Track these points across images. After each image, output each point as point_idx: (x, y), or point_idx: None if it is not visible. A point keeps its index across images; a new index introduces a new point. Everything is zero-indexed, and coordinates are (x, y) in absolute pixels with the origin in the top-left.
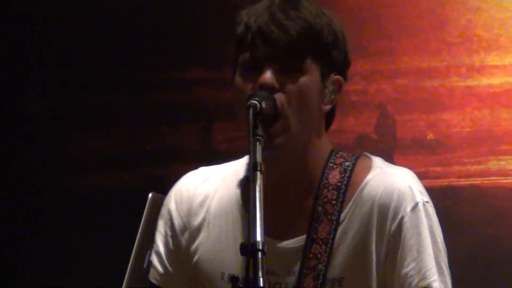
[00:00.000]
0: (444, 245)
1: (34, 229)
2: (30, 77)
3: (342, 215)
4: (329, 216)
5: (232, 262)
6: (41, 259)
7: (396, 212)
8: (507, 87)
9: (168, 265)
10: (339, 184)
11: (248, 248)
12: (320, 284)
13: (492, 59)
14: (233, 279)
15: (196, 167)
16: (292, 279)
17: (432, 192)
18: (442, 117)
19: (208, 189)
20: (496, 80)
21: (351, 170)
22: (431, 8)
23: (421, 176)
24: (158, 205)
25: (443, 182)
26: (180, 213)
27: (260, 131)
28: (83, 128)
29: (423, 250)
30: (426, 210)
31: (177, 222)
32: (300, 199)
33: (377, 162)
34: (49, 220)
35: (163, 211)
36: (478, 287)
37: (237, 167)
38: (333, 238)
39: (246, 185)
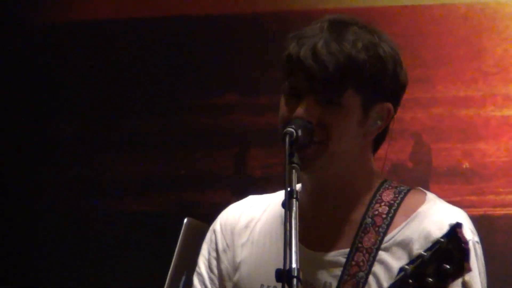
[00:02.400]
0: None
1: (67, 253)
2: (65, 99)
3: (390, 233)
4: (377, 228)
5: (272, 274)
6: (75, 284)
7: None
8: None
9: (209, 286)
10: (392, 202)
11: (283, 275)
12: None
13: None
14: None
15: (229, 193)
16: (332, 285)
17: None
18: (478, 147)
19: (254, 213)
20: None
21: (406, 193)
22: (467, 38)
23: (456, 205)
24: (193, 230)
25: (478, 211)
26: (224, 234)
27: (296, 159)
28: (116, 152)
29: (469, 286)
30: (475, 250)
31: (220, 242)
32: (348, 213)
33: (431, 195)
34: (82, 244)
35: (208, 234)
36: None
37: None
38: (377, 249)
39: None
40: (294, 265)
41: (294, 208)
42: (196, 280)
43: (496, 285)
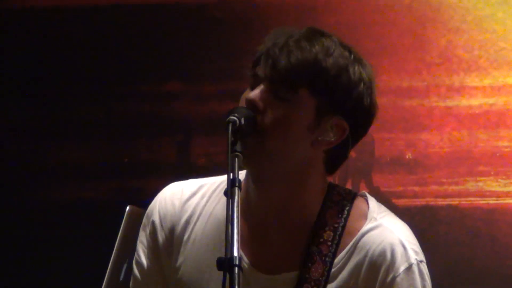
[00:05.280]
0: None
1: (7, 241)
2: (5, 87)
3: (336, 260)
4: (324, 258)
5: (212, 283)
6: (15, 273)
7: (388, 272)
8: (486, 109)
9: (149, 277)
10: (336, 225)
11: (225, 263)
12: None
13: (472, 80)
14: None
15: (172, 181)
16: None
17: (409, 211)
18: (421, 137)
19: (195, 206)
20: (475, 101)
21: (348, 212)
22: (411, 28)
23: (398, 195)
24: (135, 218)
25: (421, 201)
26: (164, 228)
27: (238, 147)
28: (59, 139)
29: None
30: (420, 271)
31: (160, 236)
32: (293, 234)
33: (373, 208)
34: (23, 231)
35: (146, 221)
36: None
37: (224, 184)
38: (325, 281)
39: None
40: (235, 254)
41: (236, 197)
42: (136, 269)
43: (438, 276)
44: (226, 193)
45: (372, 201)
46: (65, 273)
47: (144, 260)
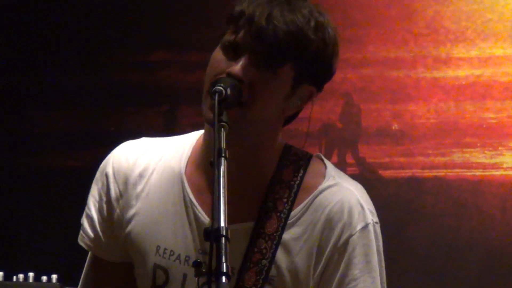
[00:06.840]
0: (384, 265)
1: None
2: None
3: (292, 213)
4: (278, 213)
5: (168, 236)
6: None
7: (344, 230)
8: (472, 80)
9: (99, 231)
10: (292, 183)
11: (211, 234)
12: (262, 280)
13: (459, 51)
14: (196, 264)
15: None
16: (233, 265)
17: (395, 182)
18: (407, 108)
19: (150, 160)
20: (462, 72)
21: (304, 171)
22: None
23: (385, 166)
24: None
25: (407, 172)
26: (117, 180)
27: (224, 118)
28: (45, 108)
29: (369, 270)
30: (375, 232)
31: (113, 189)
32: (251, 187)
33: (330, 170)
34: (8, 199)
35: (99, 175)
36: (436, 277)
37: (180, 143)
38: (280, 236)
39: (191, 162)
40: (222, 224)
41: (222, 167)
42: (86, 223)
43: (422, 246)
44: (212, 163)
45: (328, 162)
46: (49, 241)
47: (94, 214)
